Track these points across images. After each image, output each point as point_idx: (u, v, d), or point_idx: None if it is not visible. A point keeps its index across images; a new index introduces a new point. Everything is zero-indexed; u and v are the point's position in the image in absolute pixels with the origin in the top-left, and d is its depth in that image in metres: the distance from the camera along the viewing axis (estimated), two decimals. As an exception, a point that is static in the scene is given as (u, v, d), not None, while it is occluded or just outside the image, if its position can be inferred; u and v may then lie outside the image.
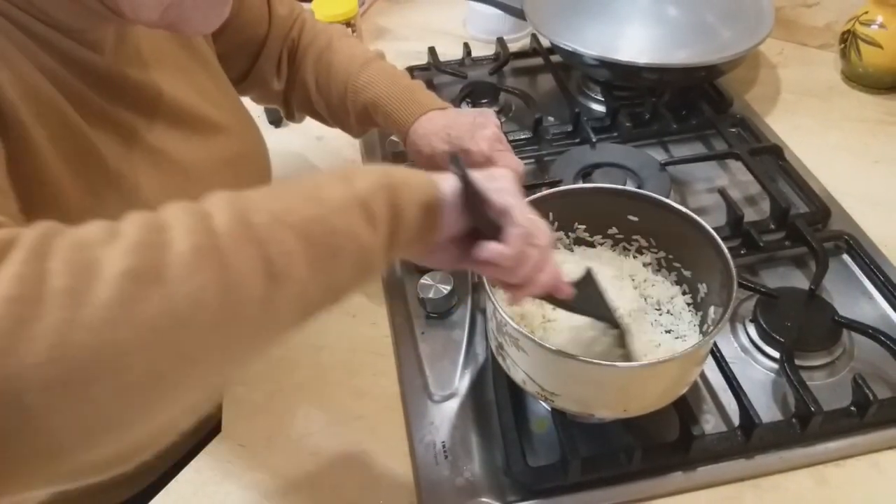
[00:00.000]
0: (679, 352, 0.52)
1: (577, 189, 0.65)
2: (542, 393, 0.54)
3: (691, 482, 0.57)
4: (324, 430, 0.62)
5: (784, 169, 0.83)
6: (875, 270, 0.70)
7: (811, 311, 0.66)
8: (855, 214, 0.77)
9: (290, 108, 0.77)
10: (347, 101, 0.70)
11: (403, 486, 0.58)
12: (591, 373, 0.51)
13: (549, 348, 0.50)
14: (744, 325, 0.67)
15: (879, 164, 0.86)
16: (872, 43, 0.92)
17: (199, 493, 0.59)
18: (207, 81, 0.62)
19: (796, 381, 0.59)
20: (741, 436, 0.57)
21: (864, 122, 0.92)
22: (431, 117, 0.67)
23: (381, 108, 0.68)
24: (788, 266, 0.74)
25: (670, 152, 0.89)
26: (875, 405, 0.57)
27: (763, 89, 0.98)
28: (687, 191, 0.83)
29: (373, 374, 0.66)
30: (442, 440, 0.60)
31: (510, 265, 0.43)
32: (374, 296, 0.73)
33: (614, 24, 0.96)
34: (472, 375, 0.65)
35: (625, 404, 0.53)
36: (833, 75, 1.00)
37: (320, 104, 0.73)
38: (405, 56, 1.06)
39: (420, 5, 1.22)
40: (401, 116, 0.67)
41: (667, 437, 0.58)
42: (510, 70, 1.04)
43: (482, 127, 0.64)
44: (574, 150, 0.85)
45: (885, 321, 0.68)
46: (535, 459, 0.57)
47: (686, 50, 0.92)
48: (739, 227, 0.74)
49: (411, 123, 0.67)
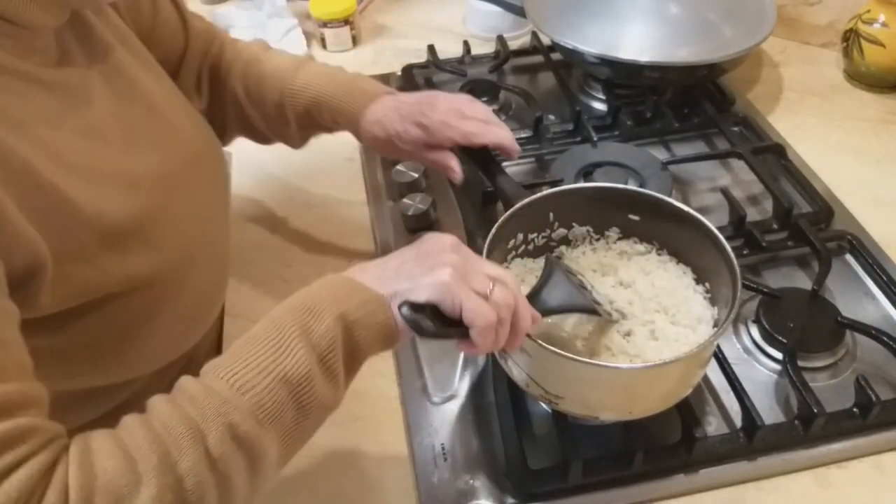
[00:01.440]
0: (684, 353, 0.51)
1: (578, 188, 0.65)
2: (546, 396, 0.53)
3: (693, 484, 0.56)
4: (322, 432, 0.61)
5: (786, 168, 0.83)
6: (878, 271, 0.70)
7: (814, 311, 0.66)
8: (858, 214, 0.77)
9: (213, 128, 0.69)
10: (286, 108, 0.68)
11: (403, 489, 0.57)
12: (595, 375, 0.51)
13: (552, 350, 0.49)
14: (746, 325, 0.67)
15: (882, 164, 0.85)
16: (875, 41, 0.91)
17: (196, 495, 0.58)
18: (160, 87, 0.61)
19: (799, 382, 0.58)
20: (743, 437, 0.57)
21: (867, 121, 0.91)
22: (380, 102, 0.67)
23: (325, 105, 0.67)
24: (791, 266, 0.73)
25: (672, 151, 0.88)
26: (878, 406, 0.57)
27: (765, 88, 0.98)
28: (689, 190, 0.82)
29: (372, 376, 0.66)
30: (441, 442, 0.59)
31: (491, 346, 0.46)
32: (373, 296, 0.72)
33: (615, 21, 0.96)
34: (471, 377, 0.64)
35: (629, 406, 0.53)
36: (835, 74, 0.99)
37: (255, 117, 0.71)
38: (404, 54, 1.06)
39: (419, 3, 1.21)
40: (349, 108, 0.67)
41: (669, 439, 0.57)
42: (510, 68, 1.03)
43: (433, 99, 0.65)
44: (575, 149, 0.84)
45: (888, 322, 0.67)
46: (536, 462, 0.57)
47: (688, 48, 0.91)
48: (742, 226, 0.74)
49: (362, 112, 0.66)
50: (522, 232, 0.62)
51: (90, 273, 0.47)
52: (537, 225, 0.63)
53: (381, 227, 0.79)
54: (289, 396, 0.41)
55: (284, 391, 0.40)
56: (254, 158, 0.91)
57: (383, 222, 0.79)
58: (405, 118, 0.65)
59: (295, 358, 0.41)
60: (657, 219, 0.61)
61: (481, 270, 0.47)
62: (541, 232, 0.64)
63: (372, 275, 0.46)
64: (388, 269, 0.47)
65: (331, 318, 0.43)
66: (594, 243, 0.65)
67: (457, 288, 0.44)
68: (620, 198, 0.62)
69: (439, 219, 0.78)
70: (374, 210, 0.81)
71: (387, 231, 0.78)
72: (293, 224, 0.81)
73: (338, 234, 0.80)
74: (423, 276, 0.45)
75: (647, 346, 0.56)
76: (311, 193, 0.85)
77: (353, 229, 0.80)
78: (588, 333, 0.57)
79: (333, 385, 0.43)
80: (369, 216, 0.81)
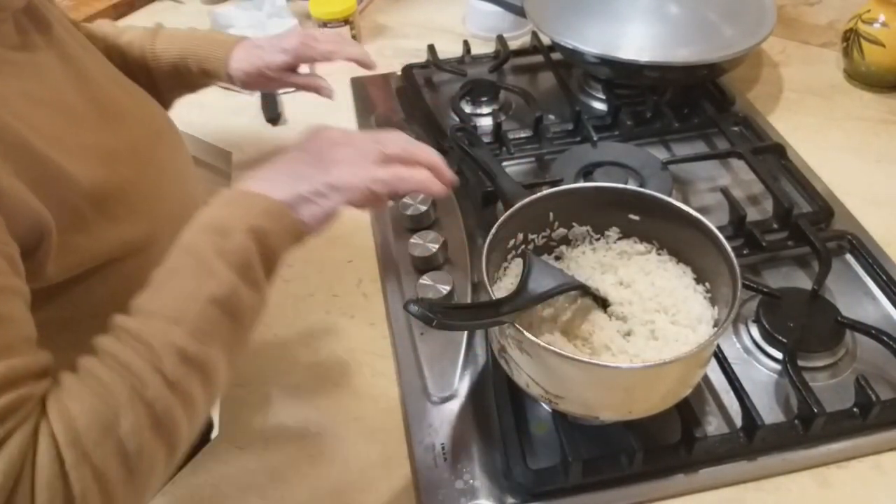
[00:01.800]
0: (684, 353, 0.51)
1: (578, 188, 0.65)
2: (547, 395, 0.53)
3: (693, 484, 0.56)
4: (322, 431, 0.62)
5: (786, 168, 0.83)
6: (878, 270, 0.70)
7: (814, 311, 0.65)
8: (858, 214, 0.77)
9: None
10: (152, 73, 0.73)
11: (402, 489, 0.57)
12: (595, 374, 0.51)
13: (553, 350, 0.49)
14: (746, 325, 0.67)
15: (882, 163, 0.85)
16: (875, 41, 0.91)
17: (196, 496, 0.58)
18: (105, 67, 0.63)
19: (799, 382, 0.58)
20: (743, 437, 0.57)
21: (867, 120, 0.91)
22: (241, 44, 0.75)
23: (191, 59, 0.74)
24: (791, 266, 0.73)
25: (672, 151, 0.88)
26: (878, 406, 0.57)
27: (765, 88, 0.98)
28: (689, 190, 0.82)
29: (371, 376, 0.66)
30: (441, 442, 0.59)
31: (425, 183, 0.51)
32: (372, 296, 0.72)
33: (615, 21, 0.96)
34: (471, 377, 0.64)
35: (629, 406, 0.53)
36: (835, 74, 0.99)
37: None
38: (404, 54, 1.06)
39: (419, 3, 1.21)
40: (215, 55, 0.74)
41: (669, 439, 0.57)
42: (510, 68, 1.03)
43: (287, 34, 0.76)
44: (575, 149, 0.84)
45: (888, 322, 0.67)
46: (536, 461, 0.57)
47: (688, 48, 0.91)
48: (742, 226, 0.74)
49: (228, 55, 0.74)
50: (522, 232, 0.62)
51: (89, 241, 0.49)
52: (537, 225, 0.63)
53: (380, 226, 0.79)
54: (221, 314, 0.44)
55: (216, 310, 0.43)
56: (253, 158, 0.91)
57: (383, 222, 0.79)
58: (268, 50, 0.74)
59: (218, 279, 0.44)
60: (657, 219, 0.61)
61: (367, 144, 0.51)
62: (541, 232, 0.64)
63: (268, 183, 0.48)
64: (282, 174, 0.49)
65: (241, 234, 0.45)
66: (594, 243, 0.65)
67: (359, 180, 0.49)
68: (620, 197, 0.62)
69: (439, 219, 0.78)
70: (373, 210, 0.81)
71: (387, 231, 0.78)
72: (293, 224, 0.81)
73: (338, 234, 0.79)
74: (322, 177, 0.49)
75: (647, 345, 0.56)
76: (311, 193, 0.85)
77: (352, 229, 0.80)
78: (588, 334, 0.57)
79: (258, 291, 0.46)
80: (369, 215, 0.81)
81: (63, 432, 0.37)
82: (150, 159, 0.58)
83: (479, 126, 0.91)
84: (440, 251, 0.72)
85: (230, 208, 0.47)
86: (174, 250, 0.45)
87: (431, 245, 0.72)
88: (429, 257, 0.72)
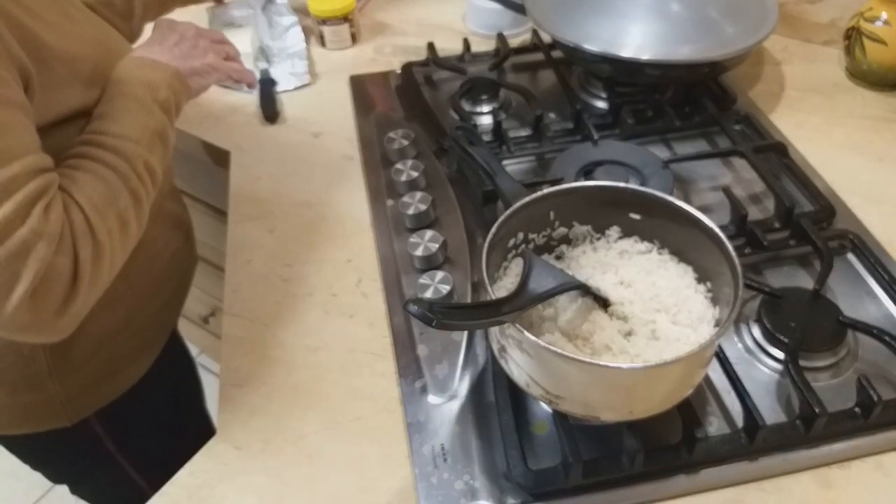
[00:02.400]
0: (685, 353, 0.51)
1: (578, 187, 0.64)
2: (547, 396, 0.53)
3: (694, 485, 0.56)
4: (321, 432, 0.62)
5: (788, 167, 0.83)
6: (880, 270, 0.70)
7: (816, 311, 0.65)
8: (860, 213, 0.77)
9: None
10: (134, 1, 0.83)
11: (402, 489, 0.57)
12: (596, 375, 0.50)
13: (553, 350, 0.49)
14: (748, 325, 0.66)
15: (884, 162, 0.85)
16: (877, 40, 0.91)
17: (194, 496, 0.58)
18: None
19: (800, 382, 0.58)
20: (745, 438, 0.57)
21: (869, 119, 0.91)
22: None
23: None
24: (793, 265, 0.73)
25: (673, 150, 0.88)
26: (880, 406, 0.57)
27: (767, 86, 0.97)
28: (690, 189, 0.82)
29: (371, 376, 0.65)
30: (441, 442, 0.59)
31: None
32: (371, 296, 0.72)
33: (616, 19, 0.95)
34: (471, 377, 0.64)
35: (630, 406, 0.52)
36: (837, 72, 0.99)
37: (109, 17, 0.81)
38: (404, 51, 1.05)
39: (419, 0, 1.20)
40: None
41: (670, 440, 0.57)
42: (510, 66, 1.02)
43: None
44: (575, 148, 0.84)
45: (890, 321, 0.67)
46: (536, 462, 0.57)
47: (689, 46, 0.91)
48: (743, 225, 0.73)
49: None
50: (523, 231, 0.62)
51: (68, 95, 0.60)
52: (538, 224, 0.63)
53: (380, 226, 0.79)
54: (159, 139, 0.64)
55: (156, 138, 0.63)
56: (253, 157, 0.90)
57: (383, 221, 0.79)
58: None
59: (156, 118, 0.63)
60: (658, 218, 0.61)
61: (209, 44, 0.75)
62: (541, 231, 0.63)
63: (167, 56, 0.69)
64: (175, 51, 0.70)
65: (166, 89, 0.65)
66: (595, 242, 0.65)
67: (224, 66, 0.75)
68: (621, 197, 0.62)
69: (439, 218, 0.78)
70: (373, 209, 0.81)
71: (387, 230, 0.78)
72: (293, 223, 0.81)
73: (337, 233, 0.80)
74: (200, 60, 0.72)
75: (648, 345, 0.56)
76: (311, 192, 0.85)
77: (352, 228, 0.80)
78: (589, 334, 0.56)
79: (173, 129, 0.67)
80: (369, 215, 0.81)
81: (86, 203, 0.54)
82: (112, 48, 0.70)
83: (479, 124, 0.91)
84: (440, 250, 0.72)
85: (152, 70, 0.65)
86: (116, 96, 0.62)
87: (431, 244, 0.72)
88: (429, 257, 0.71)
